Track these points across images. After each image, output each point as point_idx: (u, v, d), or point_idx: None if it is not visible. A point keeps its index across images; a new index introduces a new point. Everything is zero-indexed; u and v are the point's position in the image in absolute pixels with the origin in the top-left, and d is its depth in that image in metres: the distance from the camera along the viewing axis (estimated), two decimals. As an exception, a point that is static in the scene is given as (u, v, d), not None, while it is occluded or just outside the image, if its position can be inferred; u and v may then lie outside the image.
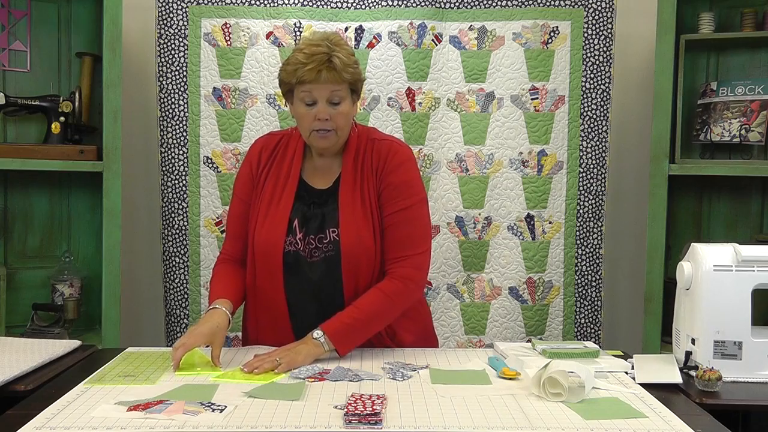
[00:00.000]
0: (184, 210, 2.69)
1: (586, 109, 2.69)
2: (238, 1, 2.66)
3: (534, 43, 2.68)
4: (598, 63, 2.68)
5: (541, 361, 1.61)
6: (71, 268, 2.63)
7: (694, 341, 1.75)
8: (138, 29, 2.83)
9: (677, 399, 1.53)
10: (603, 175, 2.70)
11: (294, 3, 2.66)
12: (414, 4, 2.66)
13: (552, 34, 2.68)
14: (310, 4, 2.67)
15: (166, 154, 2.68)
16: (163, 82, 2.66)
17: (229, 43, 2.67)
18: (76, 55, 2.68)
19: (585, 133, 2.70)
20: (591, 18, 2.67)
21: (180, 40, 2.66)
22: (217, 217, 2.70)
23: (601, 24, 2.67)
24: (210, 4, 2.66)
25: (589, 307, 2.73)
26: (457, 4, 2.68)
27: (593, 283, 2.73)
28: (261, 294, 1.84)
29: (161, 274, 2.72)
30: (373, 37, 2.67)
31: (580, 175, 2.70)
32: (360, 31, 2.66)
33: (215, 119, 2.68)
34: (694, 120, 2.74)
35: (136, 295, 2.94)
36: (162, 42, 2.65)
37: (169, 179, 2.69)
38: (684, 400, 1.53)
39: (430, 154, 2.71)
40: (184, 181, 2.69)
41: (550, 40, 2.68)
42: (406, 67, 2.67)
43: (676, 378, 1.62)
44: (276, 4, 2.66)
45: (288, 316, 1.81)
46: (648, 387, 1.57)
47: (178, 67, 2.66)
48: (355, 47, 2.64)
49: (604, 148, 2.70)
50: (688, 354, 1.76)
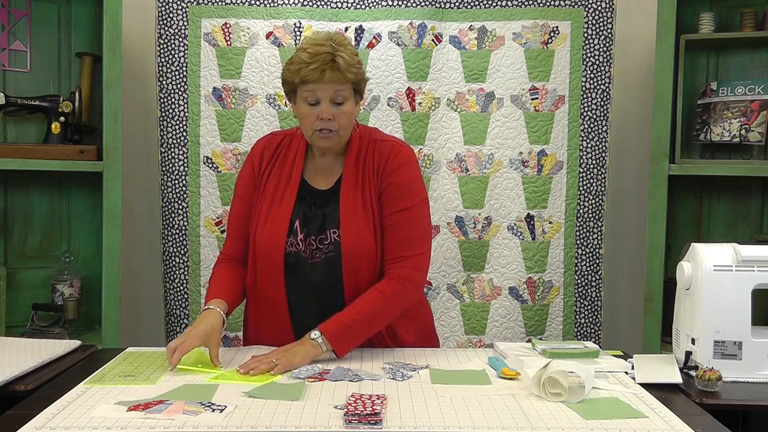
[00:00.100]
0: (184, 210, 2.69)
1: (586, 109, 2.69)
2: (238, 1, 2.66)
3: (534, 43, 2.68)
4: (598, 63, 2.68)
5: (541, 361, 1.61)
6: (71, 268, 2.63)
7: (694, 341, 1.75)
8: (138, 29, 2.83)
9: (677, 399, 1.53)
10: (603, 175, 2.70)
11: (294, 3, 2.66)
12: (414, 4, 2.66)
13: (552, 34, 2.68)
14: (310, 4, 2.67)
15: (166, 154, 2.68)
16: (163, 82, 2.66)
17: (229, 43, 2.67)
18: (76, 55, 2.68)
19: (585, 133, 2.70)
20: (591, 18, 2.67)
21: (180, 40, 2.66)
22: (217, 217, 2.70)
23: (601, 24, 2.67)
24: (210, 4, 2.66)
25: (589, 307, 2.73)
26: (457, 4, 2.68)
27: (593, 283, 2.73)
28: (262, 294, 1.84)
29: (161, 274, 2.72)
30: (373, 37, 2.66)
31: (580, 175, 2.70)
32: (360, 31, 2.66)
33: (215, 119, 2.68)
34: (694, 120, 2.74)
35: (136, 295, 2.94)
36: (162, 42, 2.65)
37: (169, 179, 2.69)
38: (684, 400, 1.53)
39: (430, 154, 2.71)
40: (184, 181, 2.69)
41: (550, 40, 2.68)
42: (406, 67, 2.67)
43: (676, 378, 1.62)
44: (276, 4, 2.66)
45: (289, 317, 1.81)
46: (648, 387, 1.56)
47: (178, 67, 2.66)
48: (355, 47, 2.64)
49: (604, 148, 2.70)
50: (688, 354, 1.76)
